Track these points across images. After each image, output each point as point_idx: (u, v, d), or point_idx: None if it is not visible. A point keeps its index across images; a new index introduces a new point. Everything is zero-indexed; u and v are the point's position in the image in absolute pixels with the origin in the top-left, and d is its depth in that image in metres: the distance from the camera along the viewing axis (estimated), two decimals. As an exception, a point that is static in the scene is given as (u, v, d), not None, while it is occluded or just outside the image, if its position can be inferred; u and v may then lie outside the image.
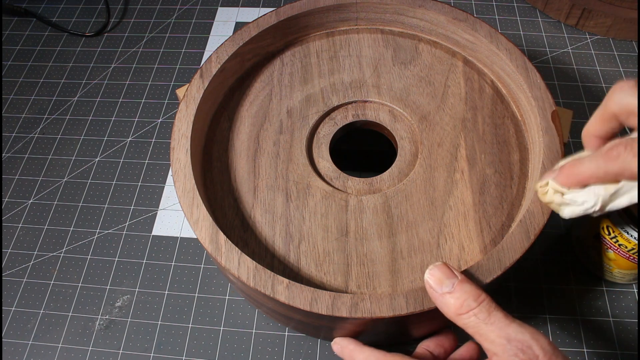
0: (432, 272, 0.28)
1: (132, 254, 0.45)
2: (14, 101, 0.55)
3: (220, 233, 0.31)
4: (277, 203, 0.35)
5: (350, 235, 0.34)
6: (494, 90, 0.40)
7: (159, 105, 0.54)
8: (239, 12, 0.62)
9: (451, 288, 0.27)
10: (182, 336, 0.40)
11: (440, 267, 0.28)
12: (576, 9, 0.55)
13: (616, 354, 0.38)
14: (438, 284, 0.28)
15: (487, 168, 0.36)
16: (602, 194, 0.26)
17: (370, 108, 0.40)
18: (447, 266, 0.28)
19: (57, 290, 0.43)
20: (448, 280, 0.27)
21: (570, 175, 0.27)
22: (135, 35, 0.60)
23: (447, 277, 0.28)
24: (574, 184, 0.27)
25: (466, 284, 0.27)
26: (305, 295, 0.29)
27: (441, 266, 0.28)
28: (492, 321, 0.26)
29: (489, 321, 0.26)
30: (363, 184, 0.36)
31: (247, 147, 0.38)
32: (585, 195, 0.27)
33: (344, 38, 0.43)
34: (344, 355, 0.32)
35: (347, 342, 0.32)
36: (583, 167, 0.26)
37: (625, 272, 0.39)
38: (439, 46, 0.42)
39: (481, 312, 0.26)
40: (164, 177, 0.49)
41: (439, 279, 0.28)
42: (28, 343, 0.41)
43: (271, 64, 0.42)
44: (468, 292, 0.27)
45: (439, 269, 0.28)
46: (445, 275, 0.28)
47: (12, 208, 0.48)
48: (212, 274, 0.43)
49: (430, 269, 0.28)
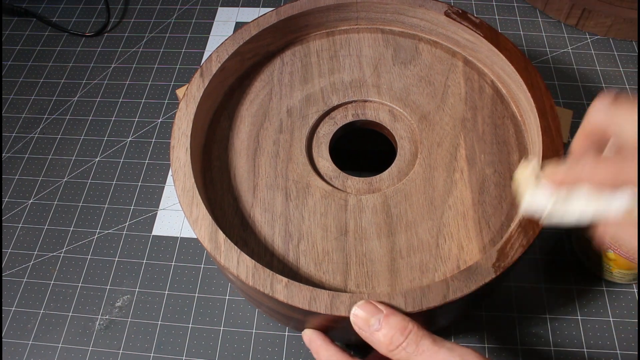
0: (356, 314, 0.28)
1: (132, 254, 0.45)
2: (14, 101, 0.55)
3: (219, 232, 0.31)
4: (277, 202, 0.35)
5: (349, 235, 0.34)
6: (494, 90, 0.40)
7: (159, 105, 0.54)
8: (239, 12, 0.62)
9: (378, 325, 0.27)
10: (182, 336, 0.40)
11: (363, 306, 0.28)
12: (576, 9, 0.55)
13: (616, 354, 0.38)
14: (365, 325, 0.28)
15: (486, 168, 0.36)
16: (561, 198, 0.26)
17: (370, 108, 0.40)
18: (370, 303, 0.28)
19: (57, 290, 0.43)
20: (374, 318, 0.27)
21: (556, 173, 0.26)
22: (135, 35, 0.60)
23: (372, 315, 0.28)
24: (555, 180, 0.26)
25: (392, 318, 0.27)
26: (304, 295, 0.29)
27: (364, 305, 0.28)
28: (421, 351, 0.26)
29: (418, 352, 0.26)
30: (362, 183, 0.36)
31: (247, 146, 0.38)
32: (551, 194, 0.26)
33: (344, 37, 0.43)
34: (310, 348, 0.33)
35: (316, 336, 0.32)
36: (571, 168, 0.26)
37: (625, 272, 0.39)
38: (439, 46, 0.42)
39: (409, 345, 0.26)
40: (164, 177, 0.49)
41: (364, 319, 0.28)
42: (28, 343, 0.41)
43: (271, 63, 0.42)
44: (395, 327, 0.27)
45: (363, 308, 0.28)
46: (370, 313, 0.28)
47: (12, 208, 0.48)
48: (212, 274, 0.43)
49: (354, 310, 0.28)
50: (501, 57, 0.38)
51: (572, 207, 0.25)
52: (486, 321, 0.40)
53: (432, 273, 0.33)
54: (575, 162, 0.25)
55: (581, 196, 0.25)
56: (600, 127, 0.25)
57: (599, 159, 0.24)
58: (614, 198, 0.24)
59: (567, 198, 0.26)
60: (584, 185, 0.24)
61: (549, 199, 0.26)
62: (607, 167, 0.23)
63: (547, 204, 0.26)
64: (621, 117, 0.24)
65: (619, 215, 0.24)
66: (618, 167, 0.23)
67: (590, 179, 0.24)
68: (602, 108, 0.25)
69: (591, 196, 0.25)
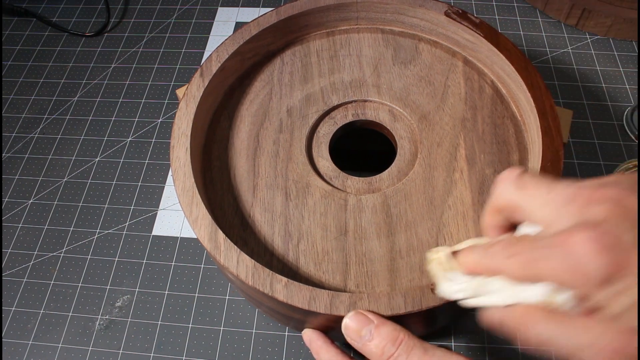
0: (347, 325, 0.28)
1: (132, 254, 0.45)
2: (14, 101, 0.55)
3: (219, 231, 0.31)
4: (277, 202, 0.35)
5: (349, 235, 0.34)
6: (494, 90, 0.40)
7: (159, 105, 0.54)
8: (239, 12, 0.62)
9: (369, 336, 0.27)
10: (182, 336, 0.40)
11: (354, 317, 0.28)
12: (576, 9, 0.55)
13: (616, 354, 0.38)
14: (357, 336, 0.28)
15: (486, 168, 0.36)
16: (475, 287, 0.24)
17: (370, 107, 0.40)
18: (360, 314, 0.28)
19: (57, 290, 0.43)
20: (365, 329, 0.27)
21: (468, 261, 0.25)
22: (135, 35, 0.60)
23: (364, 326, 0.27)
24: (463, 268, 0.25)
25: (383, 327, 0.27)
26: (304, 294, 0.29)
27: (354, 316, 0.28)
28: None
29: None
30: (362, 183, 0.36)
31: (247, 146, 0.38)
32: (466, 280, 0.25)
33: (344, 37, 0.43)
34: (311, 348, 0.32)
35: (316, 336, 0.32)
36: (470, 254, 0.25)
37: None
38: (439, 46, 0.42)
39: (400, 355, 0.26)
40: (164, 177, 0.49)
41: (356, 330, 0.28)
42: (28, 343, 0.41)
43: (271, 63, 0.42)
44: (386, 337, 0.27)
45: (353, 320, 0.28)
46: (362, 324, 0.28)
47: (12, 208, 0.48)
48: (212, 274, 0.43)
49: (345, 321, 0.28)
50: (501, 57, 0.38)
51: (488, 294, 0.24)
52: (486, 321, 0.40)
53: (432, 273, 0.32)
54: (487, 249, 0.23)
55: (496, 285, 0.23)
56: (509, 205, 0.24)
57: (511, 245, 0.22)
58: (529, 289, 0.22)
59: (482, 285, 0.24)
60: (497, 276, 0.23)
61: (463, 285, 0.25)
62: (518, 259, 0.22)
63: (461, 290, 0.25)
64: (529, 199, 0.23)
65: (508, 304, 0.22)
66: (531, 259, 0.21)
67: (502, 271, 0.22)
68: (509, 187, 0.23)
69: (506, 286, 0.23)
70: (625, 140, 0.49)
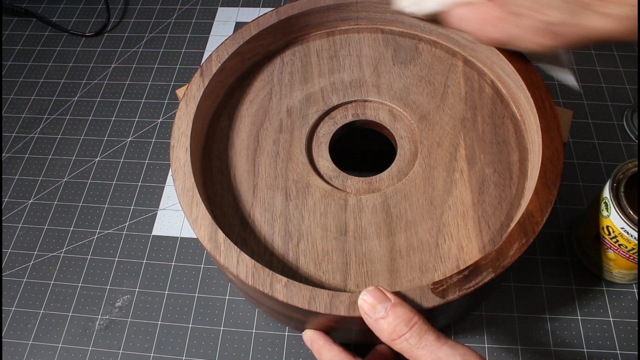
0: (365, 298, 0.28)
1: (132, 254, 0.45)
2: (14, 101, 0.55)
3: (219, 231, 0.31)
4: (277, 202, 0.35)
5: (349, 235, 0.34)
6: (493, 90, 0.40)
7: (159, 105, 0.54)
8: (239, 12, 0.62)
9: (384, 313, 0.27)
10: (182, 336, 0.40)
11: (373, 292, 0.28)
12: (576, 9, 0.55)
13: (616, 354, 0.38)
14: (371, 310, 0.28)
15: (486, 168, 0.36)
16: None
17: (370, 107, 0.40)
18: (379, 290, 0.28)
19: (57, 290, 0.43)
20: (381, 305, 0.27)
21: None
22: (135, 35, 0.60)
23: (380, 302, 0.27)
24: None
25: (399, 308, 0.27)
26: (304, 294, 0.29)
27: (373, 291, 0.28)
28: (424, 345, 0.26)
29: (420, 345, 0.26)
30: (362, 183, 0.36)
31: (247, 146, 0.38)
32: None
33: (344, 37, 0.43)
34: (312, 348, 0.32)
35: (317, 336, 0.32)
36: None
37: (625, 272, 0.39)
38: (439, 46, 0.42)
39: (412, 337, 0.26)
40: (164, 177, 0.49)
41: (372, 304, 0.28)
42: (28, 343, 0.41)
43: (271, 63, 0.42)
44: (400, 317, 0.27)
45: (371, 294, 0.28)
46: (378, 299, 0.28)
47: (12, 208, 0.48)
48: (212, 274, 0.43)
49: (363, 294, 0.28)
50: (501, 57, 0.38)
51: None
52: (486, 321, 0.40)
53: (432, 273, 0.33)
54: None
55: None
56: None
57: None
58: None
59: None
60: None
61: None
62: None
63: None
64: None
65: None
66: None
67: None
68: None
69: None
70: (625, 140, 0.49)
